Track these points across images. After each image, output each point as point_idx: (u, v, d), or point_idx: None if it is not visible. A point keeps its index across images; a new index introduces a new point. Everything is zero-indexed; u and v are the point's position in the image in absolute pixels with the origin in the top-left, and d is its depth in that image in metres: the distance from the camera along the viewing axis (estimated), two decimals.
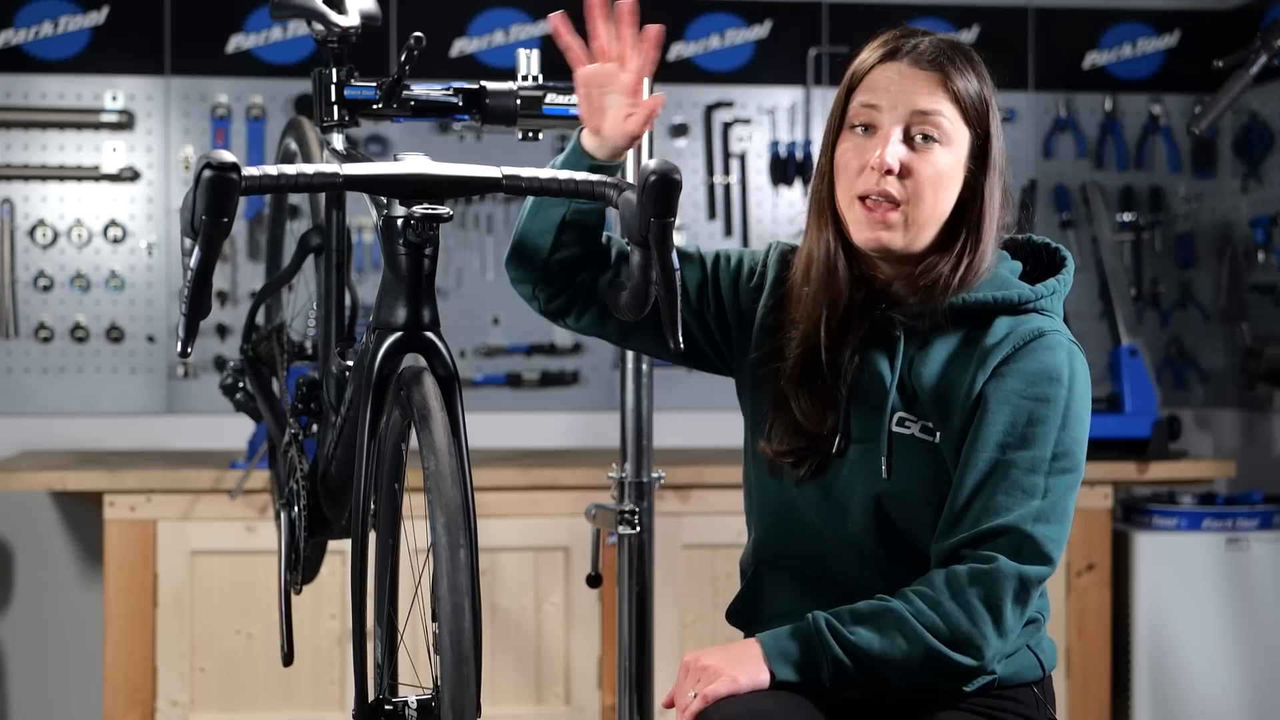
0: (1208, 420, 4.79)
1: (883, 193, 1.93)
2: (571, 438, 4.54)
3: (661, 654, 3.79)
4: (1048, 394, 1.91)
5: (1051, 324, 1.97)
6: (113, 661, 3.81)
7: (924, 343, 1.97)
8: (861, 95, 1.97)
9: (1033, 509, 1.88)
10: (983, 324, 1.97)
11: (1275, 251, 4.50)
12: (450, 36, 4.53)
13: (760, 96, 4.59)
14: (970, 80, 1.97)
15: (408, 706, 1.82)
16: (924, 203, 1.93)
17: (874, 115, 1.95)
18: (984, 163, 1.98)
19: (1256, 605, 4.16)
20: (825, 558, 2.02)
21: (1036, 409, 1.91)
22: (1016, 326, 1.95)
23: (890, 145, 1.93)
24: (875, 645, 1.86)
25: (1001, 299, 1.97)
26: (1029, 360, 1.93)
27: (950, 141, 1.95)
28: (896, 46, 1.97)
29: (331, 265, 2.42)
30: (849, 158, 1.96)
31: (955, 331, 1.98)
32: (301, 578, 2.51)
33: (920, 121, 1.94)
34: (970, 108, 1.96)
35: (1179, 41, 4.78)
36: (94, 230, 4.40)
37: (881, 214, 1.93)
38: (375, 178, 1.82)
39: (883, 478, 1.95)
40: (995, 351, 1.94)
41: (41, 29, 4.42)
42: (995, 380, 1.92)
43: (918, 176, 1.93)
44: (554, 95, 2.40)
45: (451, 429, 1.79)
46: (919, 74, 1.95)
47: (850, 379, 1.98)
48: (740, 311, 2.10)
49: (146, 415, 4.43)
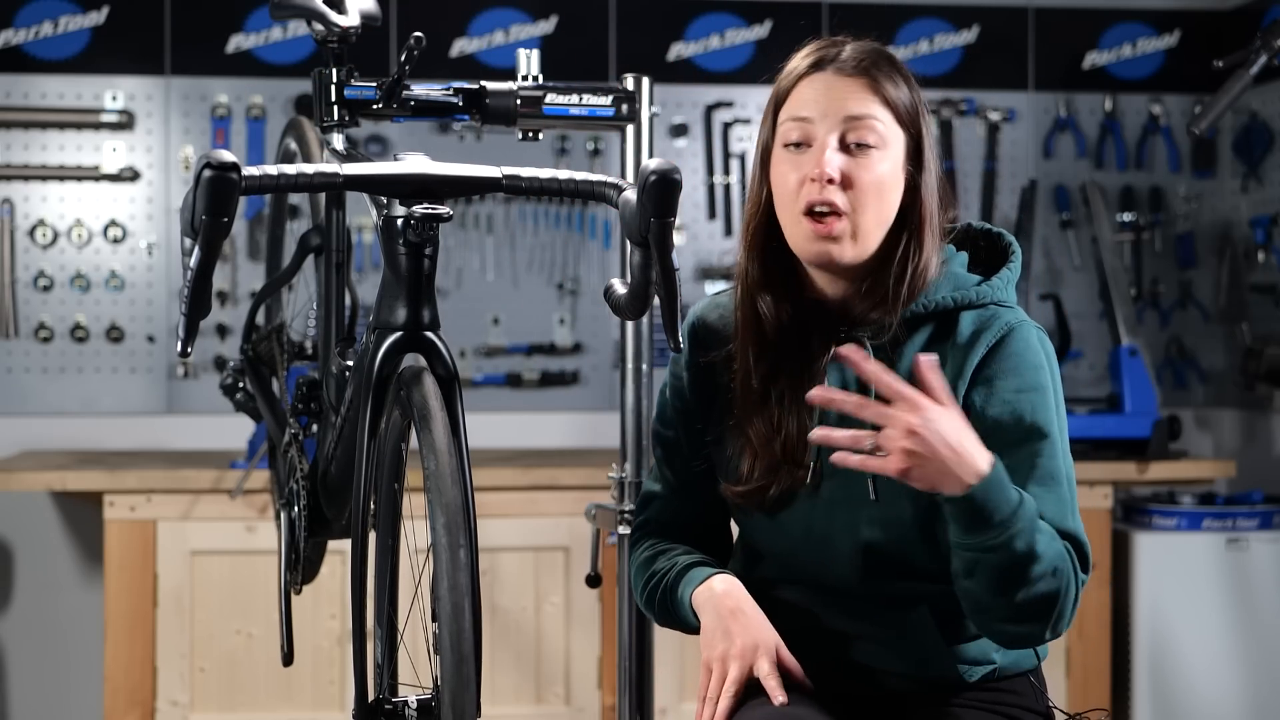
0: (1208, 420, 4.79)
1: (827, 202, 1.91)
2: (571, 438, 4.54)
3: (661, 654, 3.79)
4: (1035, 383, 1.93)
5: (1014, 314, 1.97)
6: (113, 661, 3.81)
7: (892, 356, 1.97)
8: (790, 110, 1.96)
9: (1066, 501, 1.90)
10: (946, 322, 1.97)
11: (1275, 251, 4.50)
12: (450, 36, 4.53)
13: (760, 96, 4.57)
14: (898, 82, 1.95)
15: (408, 706, 1.82)
16: (868, 210, 1.92)
17: (807, 129, 1.94)
18: (919, 162, 1.96)
19: (1256, 605, 4.16)
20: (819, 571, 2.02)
21: (1033, 400, 1.92)
22: (982, 323, 1.96)
23: (828, 154, 1.91)
24: (1042, 560, 1.83)
25: (961, 299, 1.97)
26: (1009, 359, 1.93)
27: (886, 145, 1.93)
28: (819, 58, 1.97)
29: (331, 265, 2.41)
30: (786, 176, 1.95)
31: (920, 334, 1.97)
32: (301, 578, 2.51)
33: (855, 127, 1.92)
34: (902, 109, 1.95)
35: (1179, 41, 4.78)
36: (94, 230, 4.40)
37: (828, 227, 1.92)
38: (375, 178, 1.82)
39: (870, 499, 1.95)
40: (970, 353, 1.94)
41: (41, 29, 4.42)
42: (983, 388, 1.93)
43: (859, 185, 1.92)
44: (554, 95, 2.40)
45: (451, 429, 1.79)
46: (846, 81, 1.94)
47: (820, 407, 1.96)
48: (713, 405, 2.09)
49: (146, 415, 4.43)
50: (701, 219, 4.61)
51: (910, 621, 1.97)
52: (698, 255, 4.60)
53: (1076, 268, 4.70)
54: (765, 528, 2.02)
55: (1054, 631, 1.88)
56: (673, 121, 4.58)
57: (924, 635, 1.96)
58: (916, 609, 1.96)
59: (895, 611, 1.97)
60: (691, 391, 2.09)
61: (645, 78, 2.59)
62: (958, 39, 4.70)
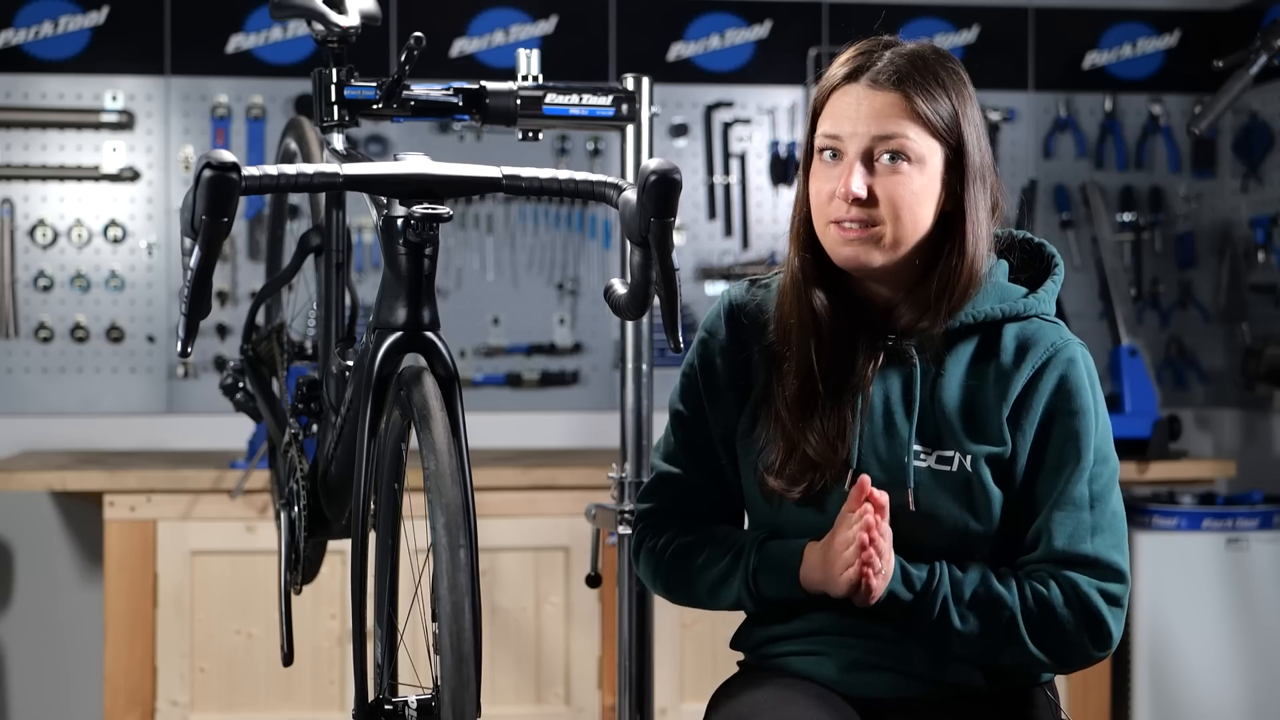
0: (1208, 420, 4.79)
1: (854, 219, 1.92)
2: (571, 438, 4.54)
3: (661, 654, 3.80)
4: (1078, 406, 1.95)
5: (1058, 333, 1.98)
6: (113, 661, 3.81)
7: (937, 369, 1.97)
8: (825, 123, 1.96)
9: (1085, 524, 1.94)
10: (991, 334, 1.98)
11: (1275, 251, 4.50)
12: (450, 36, 4.53)
13: (760, 96, 4.59)
14: (934, 94, 1.93)
15: (408, 706, 1.82)
16: (899, 222, 1.93)
17: (837, 144, 1.94)
18: (962, 173, 1.95)
19: (1256, 605, 4.16)
20: None
21: (1071, 426, 1.95)
22: (1027, 340, 1.97)
23: (854, 175, 1.91)
24: (975, 639, 1.93)
25: (1009, 311, 1.98)
26: (1053, 380, 1.95)
27: (919, 159, 1.92)
28: (856, 66, 1.95)
29: (331, 265, 2.41)
30: (821, 185, 1.96)
31: (965, 345, 1.98)
32: (301, 578, 2.51)
33: (883, 145, 1.92)
34: (936, 122, 1.93)
35: (1179, 41, 4.78)
36: (94, 230, 4.40)
37: (855, 234, 1.93)
38: (375, 178, 1.82)
39: (910, 510, 1.95)
40: (1016, 375, 1.95)
41: (41, 29, 4.42)
42: (1026, 414, 1.94)
43: (887, 199, 1.92)
44: (554, 95, 2.40)
45: (451, 429, 1.79)
46: (878, 96, 1.92)
47: (863, 412, 1.97)
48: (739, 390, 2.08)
49: (146, 415, 4.43)
50: (701, 219, 4.61)
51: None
52: (698, 255, 4.60)
53: (1076, 268, 4.70)
54: (795, 521, 2.00)
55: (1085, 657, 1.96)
56: (673, 121, 4.58)
57: None
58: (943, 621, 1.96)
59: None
60: (726, 376, 2.07)
61: (645, 78, 2.59)
62: (958, 39, 4.69)
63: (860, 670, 1.99)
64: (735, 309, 2.08)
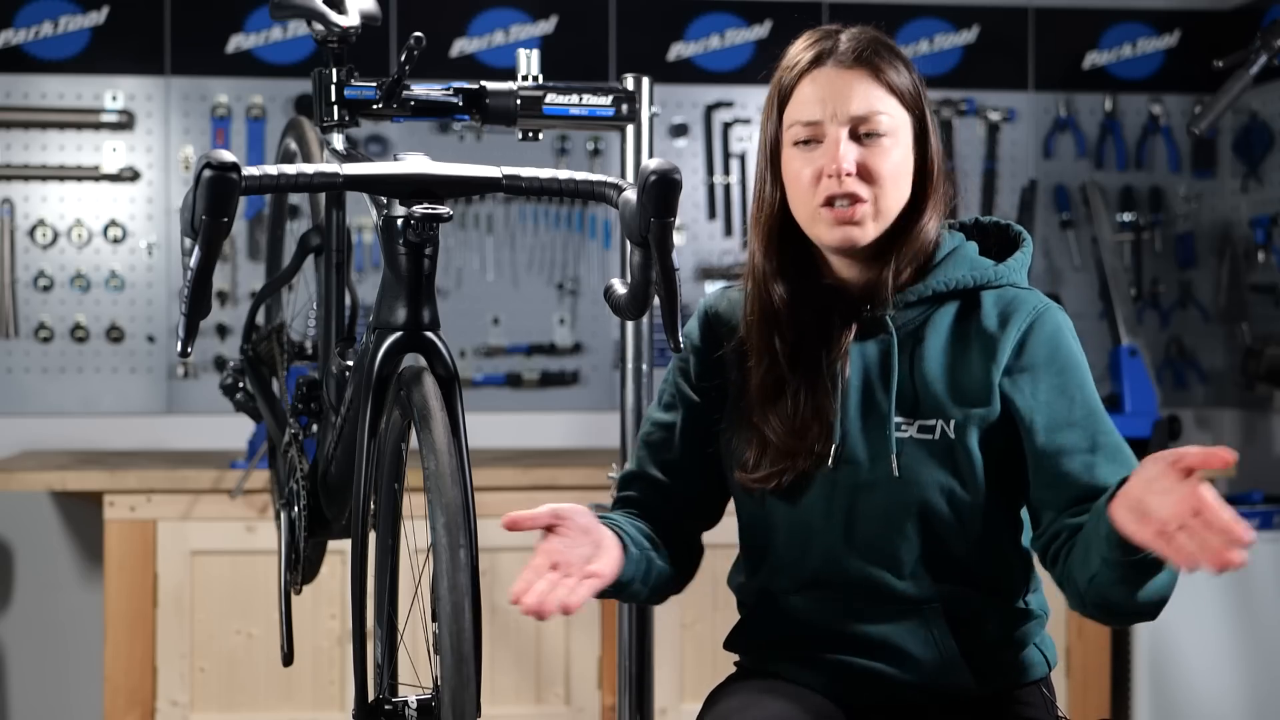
0: (1208, 420, 4.79)
1: (847, 194, 1.93)
2: (571, 438, 4.54)
3: (661, 654, 3.80)
4: (1075, 362, 1.96)
5: (1035, 297, 2.00)
6: (113, 661, 3.81)
7: (916, 339, 1.97)
8: (798, 111, 1.96)
9: (1130, 463, 1.92)
10: (970, 301, 1.99)
11: (1275, 251, 4.50)
12: (450, 36, 4.53)
13: (760, 96, 4.56)
14: (898, 66, 1.97)
15: (408, 706, 1.82)
16: (887, 194, 1.95)
17: (815, 130, 1.95)
18: (924, 139, 1.99)
19: (1256, 605, 4.16)
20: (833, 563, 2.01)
21: (1078, 380, 1.95)
22: (1006, 306, 1.98)
23: (842, 148, 1.93)
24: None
25: (981, 278, 1.99)
26: (1046, 345, 1.96)
27: (896, 132, 1.95)
28: (819, 51, 1.97)
29: (331, 265, 2.41)
30: (800, 172, 1.96)
31: (943, 313, 1.99)
32: (301, 578, 2.51)
33: (864, 121, 1.94)
34: (905, 93, 1.96)
35: (1179, 41, 4.78)
36: (94, 230, 4.40)
37: (850, 213, 1.93)
38: (375, 178, 1.82)
39: (895, 478, 1.95)
40: (1003, 339, 1.95)
41: (41, 29, 4.42)
42: (1028, 376, 1.94)
43: (876, 173, 1.94)
44: (554, 95, 2.39)
45: (451, 429, 1.79)
46: (848, 74, 1.95)
47: (843, 388, 1.97)
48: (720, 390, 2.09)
49: (146, 415, 4.43)
50: (701, 219, 4.61)
51: (925, 628, 1.96)
52: (698, 255, 4.60)
53: (1076, 268, 4.70)
54: (779, 515, 2.00)
55: None
56: (673, 121, 4.58)
57: (939, 643, 1.96)
58: (933, 616, 1.96)
59: (909, 618, 1.97)
60: (699, 378, 2.08)
61: (645, 78, 2.59)
62: (958, 39, 4.70)
63: (851, 676, 1.99)
64: (709, 314, 2.11)
